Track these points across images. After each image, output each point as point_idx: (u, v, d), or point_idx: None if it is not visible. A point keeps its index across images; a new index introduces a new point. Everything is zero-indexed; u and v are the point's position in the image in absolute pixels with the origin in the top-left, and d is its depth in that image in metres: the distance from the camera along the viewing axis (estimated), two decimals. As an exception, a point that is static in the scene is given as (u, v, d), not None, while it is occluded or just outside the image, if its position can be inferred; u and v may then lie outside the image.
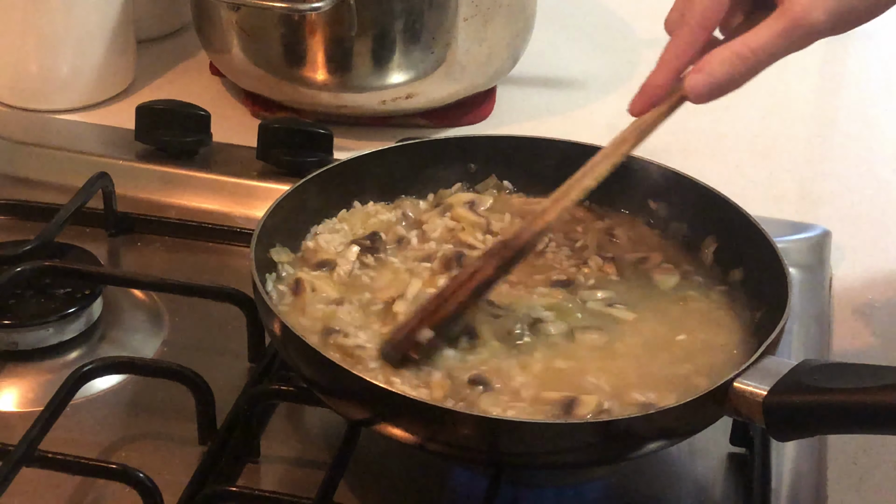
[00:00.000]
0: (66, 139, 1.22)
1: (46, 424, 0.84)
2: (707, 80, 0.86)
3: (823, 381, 0.77)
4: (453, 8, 1.20)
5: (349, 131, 1.24)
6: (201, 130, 1.18)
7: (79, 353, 0.97)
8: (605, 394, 0.83)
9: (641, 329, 0.90)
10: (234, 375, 0.94)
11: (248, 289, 0.90)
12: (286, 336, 0.83)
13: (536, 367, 0.86)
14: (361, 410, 0.82)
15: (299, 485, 0.86)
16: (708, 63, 0.86)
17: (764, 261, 0.91)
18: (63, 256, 1.01)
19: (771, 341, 0.82)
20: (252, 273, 0.87)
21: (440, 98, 1.25)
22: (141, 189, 1.14)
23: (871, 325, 1.05)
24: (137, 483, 0.81)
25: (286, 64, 1.22)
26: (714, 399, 0.79)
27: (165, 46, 1.40)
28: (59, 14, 1.22)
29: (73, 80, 1.26)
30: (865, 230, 1.16)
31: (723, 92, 0.87)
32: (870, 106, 1.37)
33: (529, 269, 0.95)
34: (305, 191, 0.96)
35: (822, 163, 1.27)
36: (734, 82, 0.86)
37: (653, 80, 0.89)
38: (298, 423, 0.93)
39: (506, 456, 0.80)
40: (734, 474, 0.90)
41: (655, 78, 0.89)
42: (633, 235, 0.99)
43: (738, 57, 0.85)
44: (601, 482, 0.89)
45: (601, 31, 1.49)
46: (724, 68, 0.85)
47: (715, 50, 0.86)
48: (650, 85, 0.89)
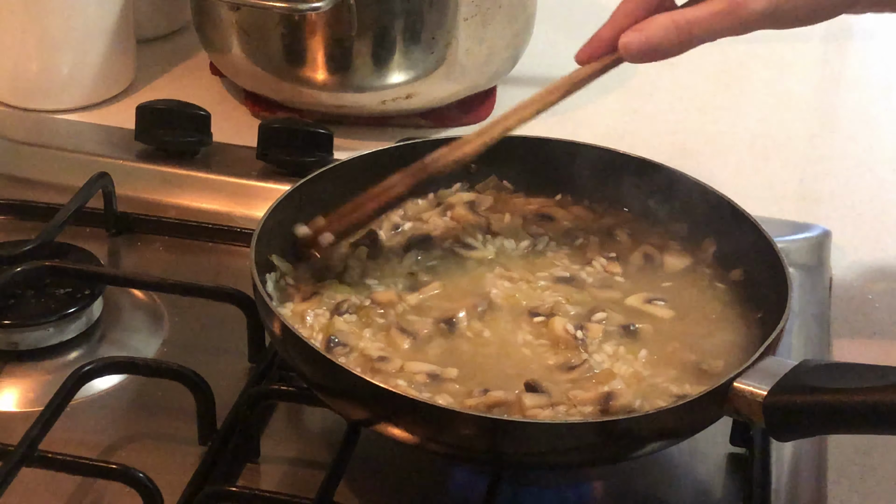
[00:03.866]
0: (66, 139, 1.22)
1: (46, 424, 0.84)
2: (640, 40, 0.90)
3: (823, 381, 0.77)
4: (453, 8, 1.20)
5: (349, 131, 1.24)
6: (201, 130, 1.18)
7: (79, 353, 0.97)
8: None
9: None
10: (234, 375, 0.94)
11: (248, 289, 0.90)
12: (286, 336, 0.83)
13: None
14: (361, 410, 0.82)
15: (299, 485, 0.86)
16: (647, 25, 0.90)
17: (764, 261, 0.91)
18: (63, 256, 1.01)
19: (771, 341, 0.82)
20: (252, 273, 0.87)
21: (440, 98, 1.25)
22: (141, 189, 1.14)
23: (871, 325, 1.05)
24: (137, 483, 0.81)
25: (286, 64, 1.22)
26: (714, 399, 0.79)
27: (165, 46, 1.40)
28: (59, 14, 1.22)
29: (73, 80, 1.26)
30: (865, 230, 1.16)
31: (655, 56, 0.90)
32: (870, 106, 1.37)
33: (530, 266, 0.95)
34: (305, 191, 0.96)
35: (822, 163, 1.27)
36: (667, 49, 0.90)
37: (599, 33, 0.93)
38: (298, 423, 0.93)
39: (506, 456, 0.80)
40: (734, 474, 0.90)
41: (602, 31, 0.93)
42: (634, 234, 0.99)
43: (675, 25, 0.89)
44: (601, 482, 0.89)
45: (601, 31, 1.49)
46: (660, 33, 0.89)
47: (658, 15, 0.90)
48: (597, 37, 0.93)
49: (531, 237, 0.98)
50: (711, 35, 0.89)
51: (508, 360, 0.87)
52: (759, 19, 0.88)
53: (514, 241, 0.98)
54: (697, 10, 0.89)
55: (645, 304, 0.92)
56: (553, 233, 0.99)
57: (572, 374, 0.85)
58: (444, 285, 0.93)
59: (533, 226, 1.00)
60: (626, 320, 0.90)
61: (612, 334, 0.89)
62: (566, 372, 0.85)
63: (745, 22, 0.89)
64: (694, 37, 0.89)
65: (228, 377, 0.94)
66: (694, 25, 0.89)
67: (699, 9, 0.89)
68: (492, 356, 0.87)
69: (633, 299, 0.93)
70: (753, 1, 0.88)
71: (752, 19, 0.88)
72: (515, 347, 0.88)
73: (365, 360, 0.85)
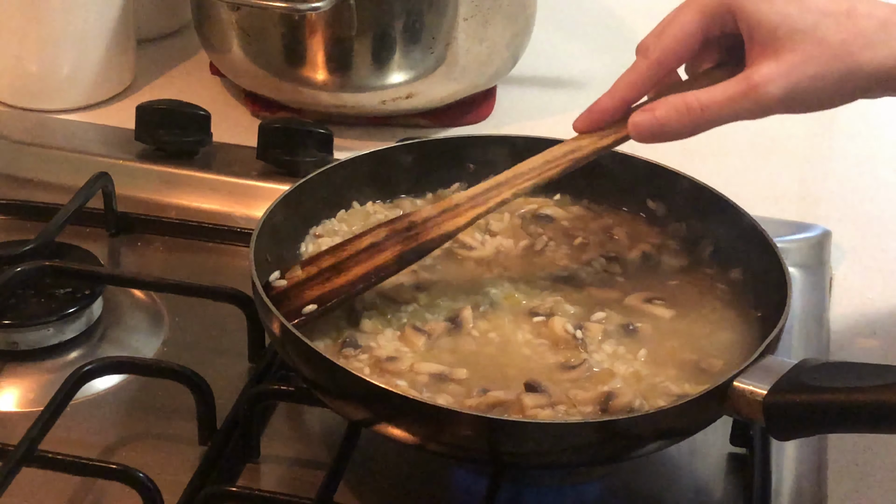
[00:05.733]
0: (66, 139, 1.22)
1: (46, 424, 0.84)
2: (651, 122, 0.87)
3: (823, 380, 0.77)
4: (453, 8, 1.20)
5: (349, 131, 1.24)
6: (201, 130, 1.18)
7: (79, 353, 0.97)
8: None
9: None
10: (234, 375, 0.94)
11: (248, 289, 0.90)
12: (286, 336, 0.83)
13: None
14: (361, 410, 0.82)
15: (299, 485, 0.86)
16: (658, 106, 0.87)
17: (764, 260, 0.91)
18: (63, 256, 1.01)
19: (771, 341, 0.82)
20: (252, 273, 0.87)
21: (440, 98, 1.25)
22: (141, 189, 1.14)
23: (871, 325, 1.05)
24: (137, 483, 0.81)
25: (286, 64, 1.22)
26: (714, 398, 0.79)
27: (165, 46, 1.40)
28: (59, 14, 1.22)
29: (73, 80, 1.26)
30: (865, 230, 1.16)
31: (666, 137, 0.87)
32: (870, 106, 1.37)
33: (529, 266, 0.95)
34: (305, 191, 0.96)
35: (822, 163, 1.27)
36: (678, 131, 0.86)
37: (600, 104, 0.90)
38: (298, 423, 0.93)
39: (506, 456, 0.80)
40: (734, 474, 0.90)
41: (604, 102, 0.89)
42: (633, 234, 0.99)
43: (687, 108, 0.86)
44: (601, 482, 0.89)
45: (601, 31, 1.49)
46: (671, 115, 0.86)
47: (668, 96, 0.87)
48: (597, 107, 0.90)
49: (530, 237, 0.98)
50: (724, 119, 0.86)
51: (509, 360, 0.87)
52: (775, 104, 0.85)
53: (514, 241, 0.98)
54: (712, 92, 0.85)
55: (644, 303, 0.92)
56: (552, 233, 0.99)
57: (572, 373, 0.85)
58: (445, 285, 0.93)
59: (532, 226, 1.00)
60: (625, 320, 0.90)
61: (612, 334, 0.89)
62: (566, 372, 0.85)
63: (759, 107, 0.85)
64: (706, 121, 0.86)
65: (228, 377, 0.94)
66: (707, 109, 0.85)
67: (713, 91, 0.85)
68: (492, 356, 0.87)
69: (632, 299, 0.93)
70: (770, 84, 0.84)
71: (768, 104, 0.85)
72: (515, 347, 0.88)
73: (375, 360, 0.85)
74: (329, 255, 0.90)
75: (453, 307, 0.90)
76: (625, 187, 1.01)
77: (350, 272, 0.89)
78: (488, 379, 0.85)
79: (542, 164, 0.91)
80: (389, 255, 0.89)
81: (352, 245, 0.90)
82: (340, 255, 0.90)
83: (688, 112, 0.86)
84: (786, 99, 0.85)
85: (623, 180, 1.00)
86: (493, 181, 0.91)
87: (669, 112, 0.86)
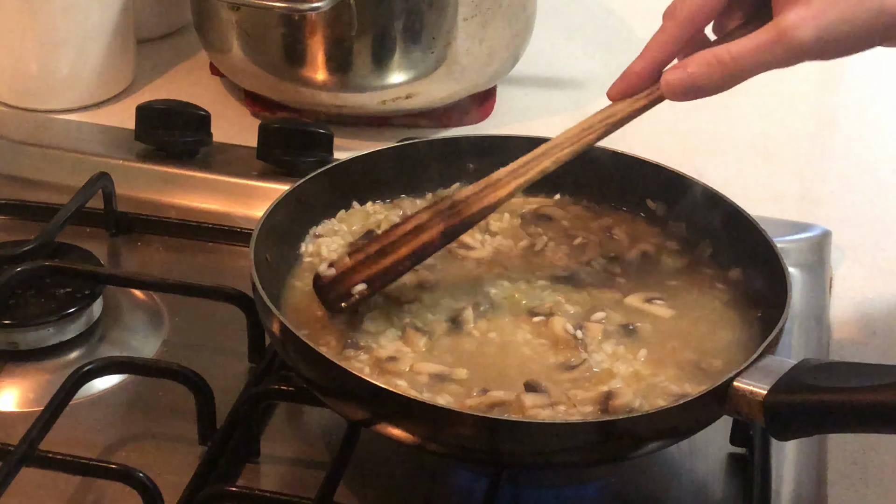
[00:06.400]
0: (66, 139, 1.22)
1: (46, 424, 0.84)
2: (683, 79, 0.86)
3: (823, 380, 0.77)
4: (453, 8, 1.20)
5: (349, 131, 1.24)
6: (201, 130, 1.18)
7: (79, 353, 0.97)
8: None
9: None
10: (234, 375, 0.94)
11: (248, 289, 0.90)
12: (286, 336, 0.83)
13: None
14: (361, 410, 0.82)
15: (299, 485, 0.86)
16: (690, 62, 0.86)
17: (764, 260, 0.91)
18: (63, 256, 1.01)
19: (770, 341, 0.82)
20: (252, 273, 0.87)
21: (440, 98, 1.25)
22: (141, 189, 1.14)
23: (871, 325, 1.05)
24: (137, 483, 0.81)
25: (286, 64, 1.22)
26: (714, 398, 0.79)
27: (165, 46, 1.40)
28: (59, 14, 1.22)
29: (73, 80, 1.26)
30: (865, 230, 1.16)
31: (699, 93, 0.87)
32: (870, 106, 1.37)
33: (529, 266, 0.95)
34: (305, 191, 0.96)
35: (822, 163, 1.27)
36: (712, 86, 0.86)
37: (633, 68, 0.89)
38: (298, 423, 0.93)
39: (506, 456, 0.80)
40: (734, 474, 0.90)
41: (636, 65, 0.89)
42: (633, 234, 0.99)
43: (719, 61, 0.85)
44: (601, 482, 0.89)
45: (601, 31, 1.49)
46: (703, 69, 0.85)
47: (701, 51, 0.86)
48: (630, 72, 0.89)
49: (530, 237, 0.98)
50: (757, 68, 0.85)
51: (508, 360, 0.87)
52: (805, 49, 0.84)
53: (513, 241, 0.98)
54: (742, 43, 0.84)
55: (644, 303, 0.92)
56: (552, 233, 0.99)
57: (572, 373, 0.85)
58: (445, 285, 0.93)
59: (531, 226, 1.00)
60: (625, 320, 0.90)
61: (612, 334, 0.89)
62: (566, 371, 0.85)
63: (792, 53, 0.84)
64: (740, 71, 0.85)
65: (228, 377, 0.94)
66: (739, 60, 0.84)
67: (743, 42, 0.84)
68: (492, 356, 0.88)
69: (632, 299, 0.93)
70: (800, 29, 0.83)
71: (799, 49, 0.84)
72: (515, 347, 0.88)
73: (375, 360, 0.85)
74: (374, 242, 0.90)
75: (454, 307, 0.91)
76: (625, 187, 1.01)
77: (397, 252, 0.89)
78: (488, 379, 0.85)
79: (579, 132, 0.91)
80: (434, 233, 0.90)
81: (396, 230, 0.90)
82: (385, 240, 0.90)
83: (719, 65, 0.85)
84: (816, 43, 0.84)
85: (623, 180, 1.00)
86: (531, 154, 0.91)
87: (701, 66, 0.85)
